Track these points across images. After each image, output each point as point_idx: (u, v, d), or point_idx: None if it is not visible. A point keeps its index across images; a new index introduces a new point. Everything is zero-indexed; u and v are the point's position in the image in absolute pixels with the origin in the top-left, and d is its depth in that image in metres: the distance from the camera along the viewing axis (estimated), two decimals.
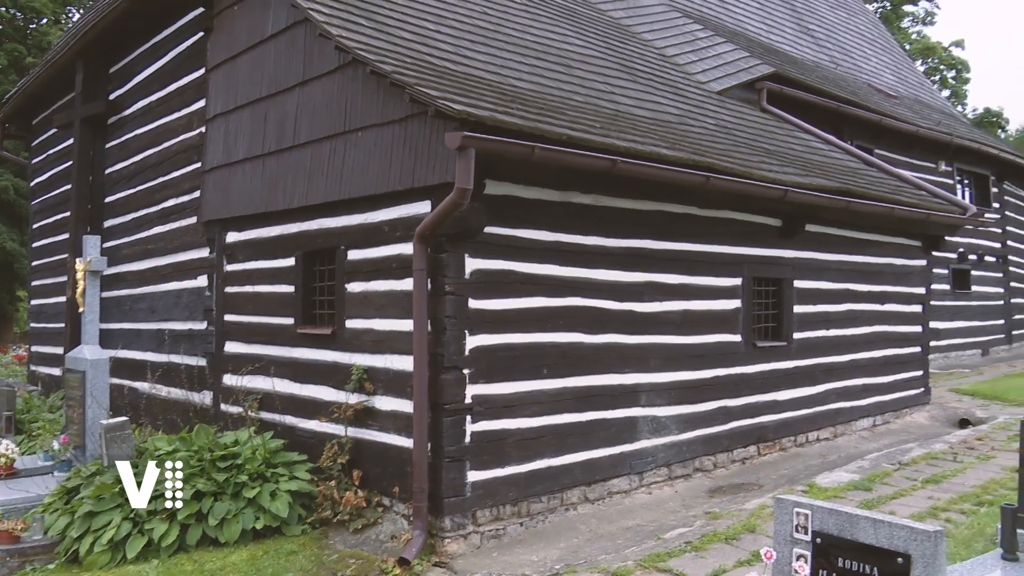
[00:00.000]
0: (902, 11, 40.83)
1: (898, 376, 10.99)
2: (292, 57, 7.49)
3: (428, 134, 5.91)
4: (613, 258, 7.16)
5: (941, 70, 40.13)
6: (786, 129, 11.44)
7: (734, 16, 15.35)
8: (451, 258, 5.94)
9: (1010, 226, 20.03)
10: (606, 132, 6.77)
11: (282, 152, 7.61)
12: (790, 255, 9.14)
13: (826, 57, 17.62)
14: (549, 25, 9.82)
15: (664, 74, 10.66)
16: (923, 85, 23.67)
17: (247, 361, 7.96)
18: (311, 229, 7.37)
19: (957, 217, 10.93)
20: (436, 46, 7.20)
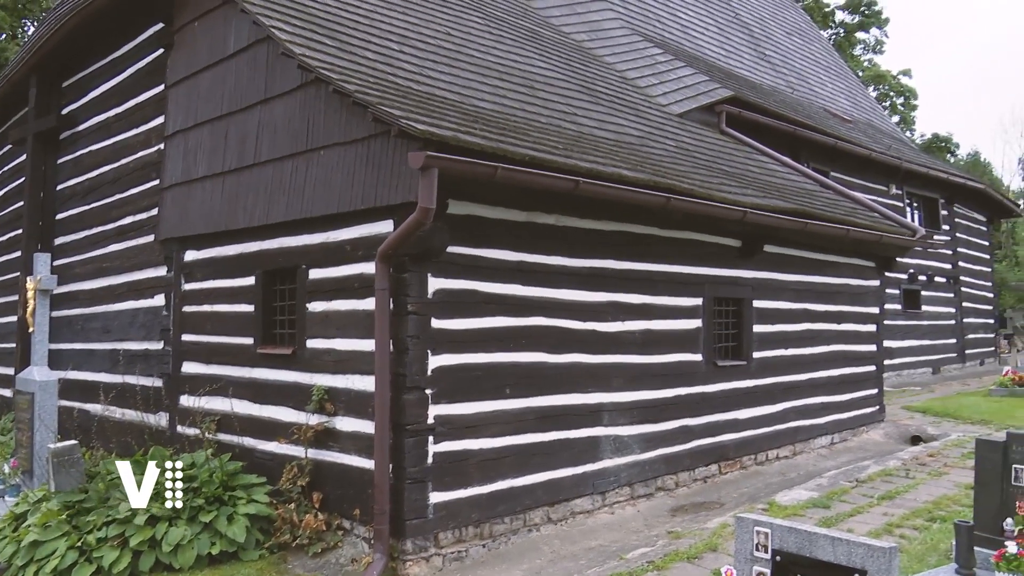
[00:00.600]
0: (854, 39, 42.08)
1: (854, 394, 11.20)
2: (254, 75, 7.44)
3: (391, 153, 5.90)
4: (576, 278, 7.20)
5: (891, 96, 41.37)
6: (745, 151, 11.67)
7: (693, 41, 15.66)
8: (414, 278, 5.92)
9: (961, 247, 20.63)
10: (569, 153, 6.83)
11: (243, 170, 7.52)
12: (749, 275, 9.29)
13: (783, 82, 18.05)
14: (512, 47, 9.91)
15: (626, 96, 10.82)
16: (875, 110, 24.38)
17: (205, 382, 7.80)
18: (272, 248, 7.29)
19: (907, 239, 11.24)
20: (400, 66, 7.21)
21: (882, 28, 42.20)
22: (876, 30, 42.17)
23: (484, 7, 11.01)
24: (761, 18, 20.56)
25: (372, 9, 8.36)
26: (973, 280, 21.31)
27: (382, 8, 8.57)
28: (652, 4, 15.39)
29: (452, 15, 9.78)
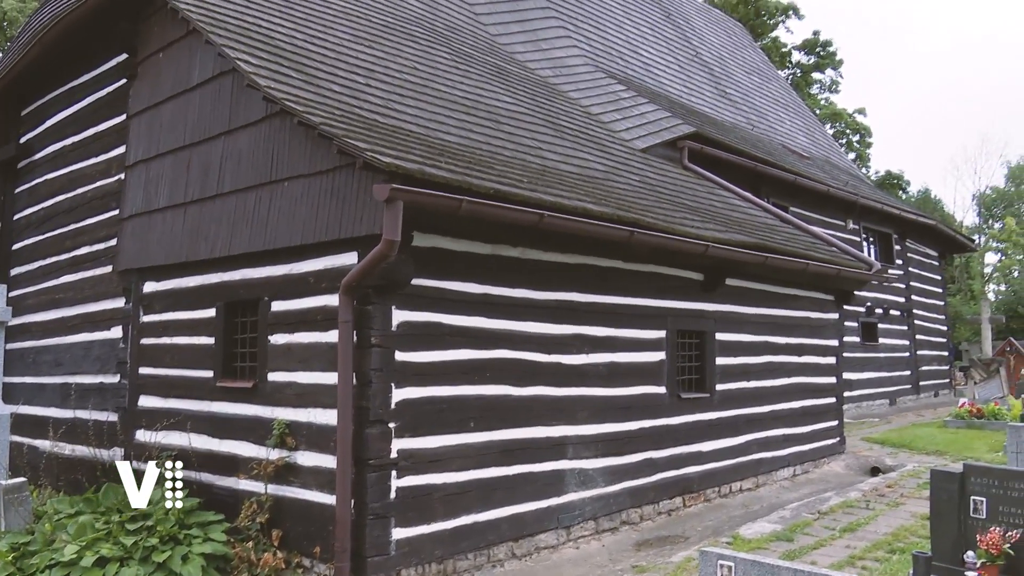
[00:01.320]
0: (811, 78, 43.30)
1: (816, 426, 11.33)
2: (218, 106, 7.40)
3: (356, 185, 5.89)
4: (541, 310, 7.22)
5: (847, 134, 42.54)
6: (707, 186, 11.88)
7: (656, 78, 15.99)
8: (377, 310, 5.88)
9: (913, 281, 21.15)
10: (534, 187, 6.89)
11: (205, 201, 7.44)
12: (712, 308, 9.40)
13: (743, 119, 18.48)
14: (478, 82, 10.01)
15: (590, 131, 10.97)
16: (832, 147, 25.05)
17: (163, 416, 7.62)
18: (234, 279, 7.19)
19: (864, 273, 11.50)
20: (366, 99, 7.23)
21: (836, 69, 43.51)
22: (831, 71, 43.46)
23: (451, 43, 11.13)
24: (721, 57, 21.10)
25: (339, 43, 8.40)
26: (926, 313, 21.83)
27: (349, 42, 8.62)
28: (615, 42, 15.71)
29: (419, 50, 9.86)
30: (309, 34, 8.20)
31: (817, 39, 42.29)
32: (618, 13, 17.03)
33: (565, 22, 14.31)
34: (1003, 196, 44.99)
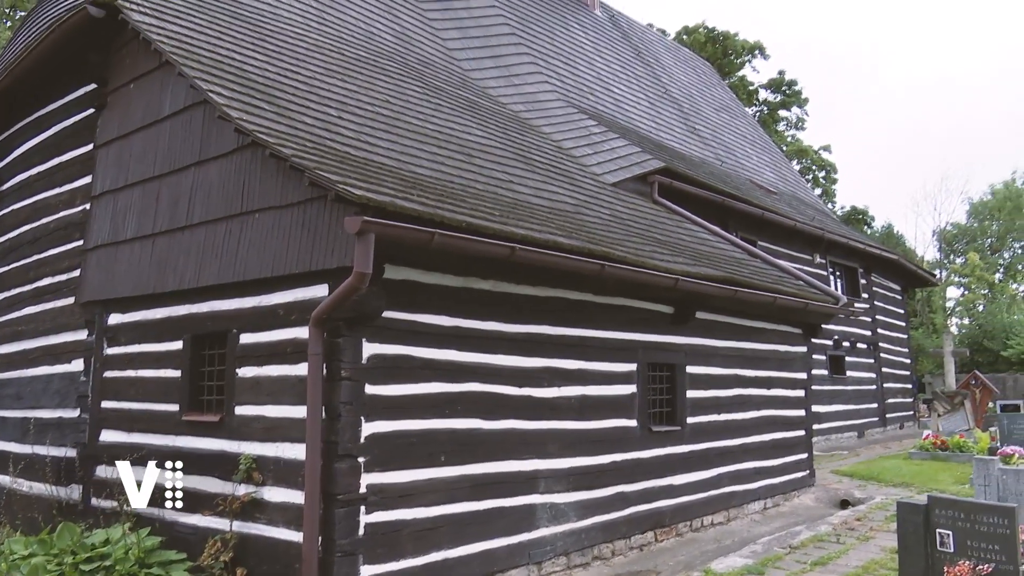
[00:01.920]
0: (777, 115, 44.30)
1: (786, 459, 11.38)
2: (189, 137, 7.36)
3: (327, 218, 5.87)
4: (512, 343, 7.21)
5: (813, 170, 43.45)
6: (676, 220, 12.02)
7: (626, 114, 16.24)
8: (348, 343, 5.83)
9: (879, 315, 21.50)
10: (505, 220, 6.92)
11: (174, 232, 7.37)
12: (682, 341, 9.46)
13: (712, 155, 18.81)
14: (451, 115, 10.09)
15: (561, 165, 11.08)
16: (799, 183, 25.55)
17: (125, 451, 7.42)
18: (202, 312, 7.10)
19: (831, 307, 11.66)
20: (338, 132, 7.25)
21: (802, 107, 44.60)
22: (797, 108, 44.53)
23: (423, 77, 11.23)
24: (690, 94, 21.52)
25: (312, 76, 8.43)
26: (891, 346, 22.17)
27: (322, 75, 8.66)
28: (586, 79, 15.95)
29: (392, 84, 9.93)
30: (282, 67, 8.22)
31: (782, 78, 43.38)
32: (589, 50, 17.33)
33: (537, 58, 14.53)
34: (965, 232, 46.10)
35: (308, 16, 10.60)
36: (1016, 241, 45.09)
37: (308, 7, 10.83)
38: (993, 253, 45.36)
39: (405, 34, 12.62)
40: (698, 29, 41.57)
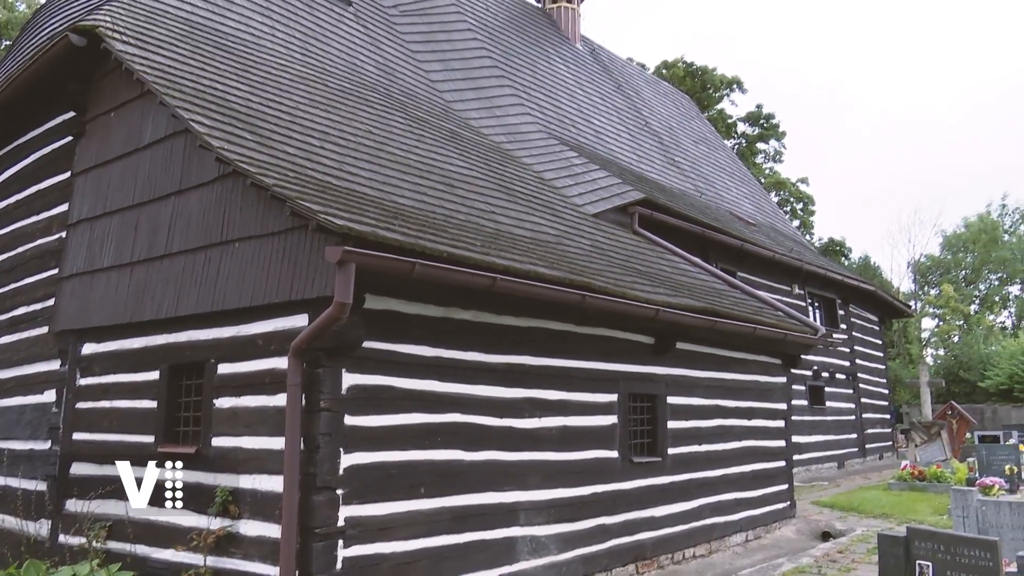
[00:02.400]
0: (756, 148, 44.96)
1: (767, 490, 11.37)
2: (170, 166, 7.34)
3: (308, 247, 5.85)
4: (493, 374, 7.18)
5: (791, 202, 44.04)
6: (657, 251, 12.11)
7: (607, 146, 16.42)
8: (327, 373, 5.78)
9: (857, 345, 21.68)
10: (486, 250, 6.93)
11: (153, 260, 7.31)
12: (663, 372, 9.47)
13: (691, 186, 19.02)
14: (433, 146, 10.15)
15: (543, 196, 11.15)
16: (777, 215, 25.87)
17: (97, 484, 7.28)
18: (179, 341, 7.02)
19: (810, 337, 11.75)
20: (320, 161, 7.26)
21: (779, 140, 45.30)
22: (775, 141, 45.22)
23: (406, 108, 11.30)
24: (670, 127, 21.81)
25: (295, 106, 8.45)
26: (869, 377, 22.33)
27: (305, 105, 8.69)
28: (568, 111, 16.13)
29: (374, 114, 9.99)
30: (265, 97, 8.24)
31: (760, 112, 44.11)
32: (570, 83, 17.54)
33: (519, 90, 14.68)
34: (939, 264, 46.80)
35: (292, 47, 10.66)
36: (992, 273, 45.82)
37: (292, 39, 10.90)
38: (968, 285, 46.04)
39: (388, 66, 12.72)
40: (677, 64, 42.28)
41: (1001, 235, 45.29)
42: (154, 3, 9.16)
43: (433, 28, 14.79)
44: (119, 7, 8.48)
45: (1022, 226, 46.23)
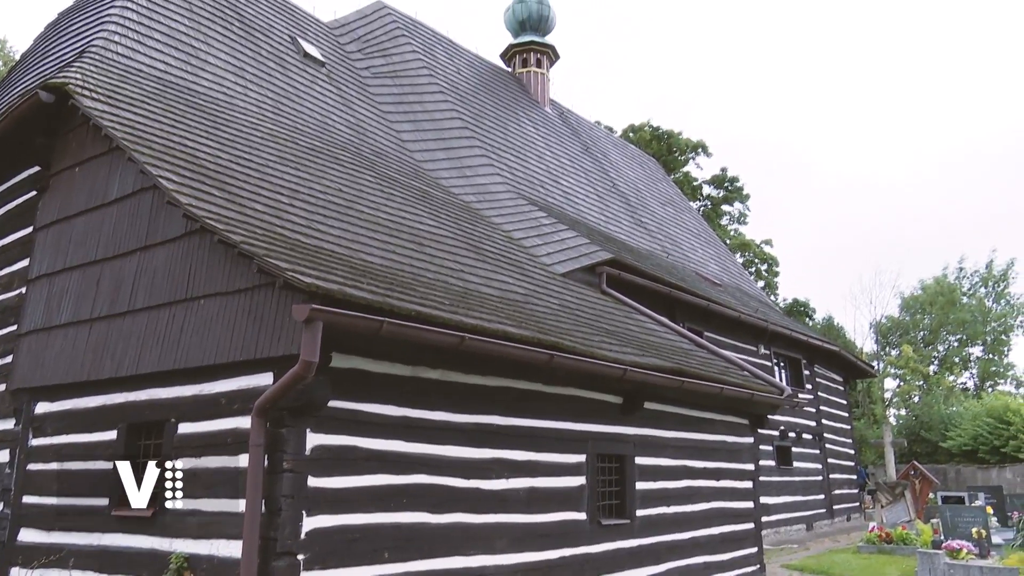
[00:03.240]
0: (721, 210, 45.89)
1: (736, 553, 11.25)
2: (136, 221, 7.28)
3: (275, 305, 5.80)
4: (460, 434, 7.10)
5: (756, 263, 44.82)
6: (624, 311, 12.19)
7: (576, 207, 16.66)
8: (291, 433, 5.67)
9: (823, 406, 21.85)
10: (455, 309, 6.93)
11: (115, 317, 7.17)
12: (631, 432, 9.44)
13: (658, 247, 19.30)
14: (403, 205, 10.21)
15: (511, 255, 11.22)
16: (742, 275, 26.29)
17: (42, 553, 6.97)
18: (139, 400, 6.85)
19: (776, 397, 11.82)
20: (289, 219, 7.25)
21: (744, 202, 46.32)
22: (739, 203, 46.23)
23: (376, 167, 11.40)
24: (637, 189, 22.25)
25: (264, 163, 8.49)
26: (835, 437, 22.46)
27: (275, 163, 8.72)
28: (537, 171, 16.40)
29: (344, 173, 10.05)
30: (235, 154, 8.27)
31: (725, 175, 45.18)
32: (540, 145, 17.88)
33: (488, 151, 14.91)
34: (898, 324, 47.71)
35: (264, 106, 10.76)
36: (951, 334, 46.79)
37: (265, 98, 11.01)
38: (927, 346, 46.90)
39: (360, 125, 12.87)
40: (644, 127, 43.33)
41: (959, 297, 46.44)
42: (128, 61, 9.23)
43: (405, 90, 15.06)
44: (92, 64, 8.52)
45: (981, 289, 47.47)
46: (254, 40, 12.27)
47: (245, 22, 12.51)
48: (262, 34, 12.67)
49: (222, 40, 11.45)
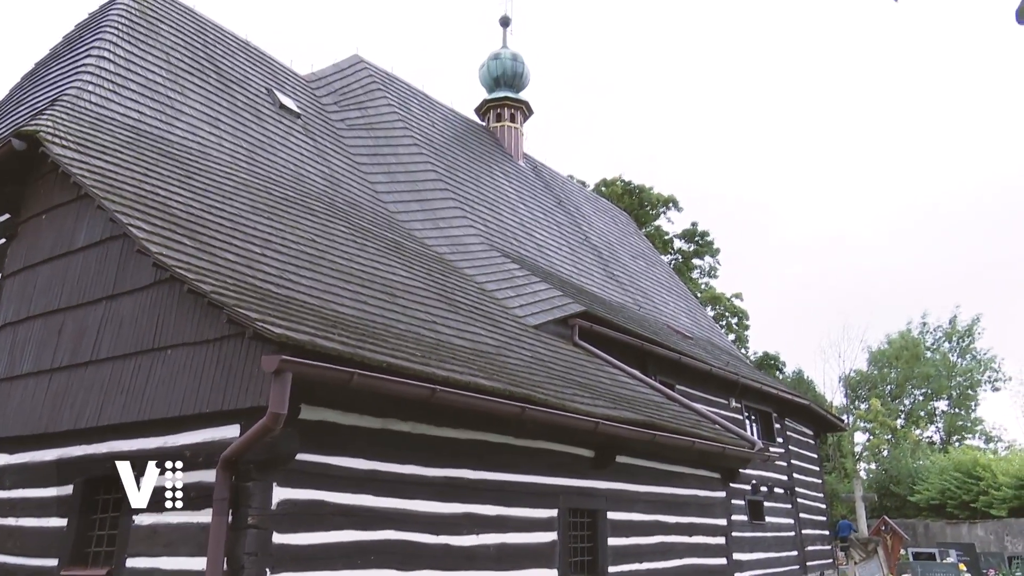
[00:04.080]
0: (692, 264, 46.49)
1: None
2: (103, 270, 7.18)
3: (244, 356, 5.72)
4: (431, 488, 6.98)
5: (726, 316, 45.26)
6: (596, 363, 12.19)
7: (548, 259, 16.77)
8: (257, 487, 5.54)
9: (794, 459, 21.86)
10: (426, 360, 6.88)
11: (76, 367, 7.02)
12: (603, 486, 9.35)
13: (630, 300, 19.43)
14: (376, 255, 10.21)
15: (484, 307, 11.22)
16: (713, 329, 26.50)
17: None
18: (99, 453, 6.65)
19: (747, 451, 11.81)
20: (261, 269, 7.21)
21: (714, 256, 46.99)
22: (709, 257, 46.88)
23: (350, 218, 11.42)
24: (609, 242, 22.48)
25: (237, 213, 8.46)
26: (807, 491, 22.42)
27: (247, 213, 8.70)
28: (510, 224, 16.53)
29: (318, 223, 10.05)
30: (207, 204, 8.24)
31: (695, 229, 45.90)
32: (513, 198, 18.06)
33: (462, 203, 15.03)
34: (867, 378, 48.26)
35: (238, 156, 10.78)
36: (916, 388, 47.38)
37: (239, 148, 11.03)
38: (893, 400, 47.40)
39: (334, 176, 12.92)
40: (616, 182, 44.03)
41: (923, 352, 47.18)
42: (101, 110, 9.23)
43: (380, 142, 15.20)
44: (63, 112, 8.51)
45: (945, 344, 48.30)
46: (230, 91, 12.36)
47: (222, 74, 12.62)
48: (239, 86, 12.77)
49: (198, 91, 11.52)
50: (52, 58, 11.23)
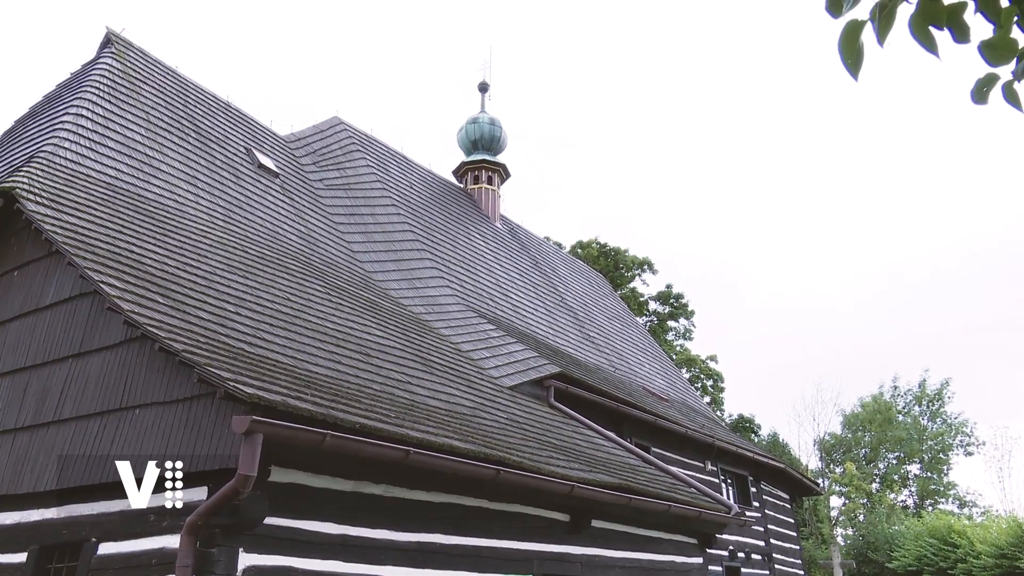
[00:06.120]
0: (667, 326, 46.75)
1: None
2: (71, 327, 7.07)
3: (214, 416, 5.61)
4: (402, 554, 6.80)
5: (701, 378, 45.33)
6: (572, 425, 12.10)
7: (525, 320, 16.79)
8: (223, 553, 5.36)
9: (771, 524, 21.66)
10: (400, 422, 6.79)
11: (38, 427, 6.83)
12: (578, 552, 9.18)
13: (606, 361, 19.43)
14: (350, 315, 10.15)
15: (460, 367, 11.15)
16: (689, 391, 26.49)
17: None
18: (58, 518, 6.43)
19: (723, 515, 11.69)
20: (234, 327, 7.13)
21: (689, 318, 47.33)
22: (684, 320, 47.21)
23: (326, 276, 11.39)
24: (585, 304, 22.59)
25: (212, 271, 8.41)
26: (784, 557, 22.15)
27: (222, 271, 8.65)
28: (486, 285, 16.58)
29: (293, 282, 10.01)
30: (182, 261, 8.19)
31: (670, 291, 46.32)
32: (489, 259, 18.16)
33: (439, 263, 15.08)
34: (841, 442, 48.31)
35: (215, 214, 10.77)
36: (889, 452, 47.47)
37: (216, 206, 11.03)
38: (868, 463, 47.41)
39: (311, 235, 12.93)
40: (591, 243, 44.51)
41: (895, 415, 47.44)
42: (77, 167, 9.22)
43: (358, 201, 15.29)
44: (39, 169, 8.48)
45: (915, 407, 48.64)
46: (210, 150, 12.43)
47: (202, 133, 12.70)
48: (217, 145, 12.85)
49: (177, 149, 11.56)
50: (31, 116, 11.25)
